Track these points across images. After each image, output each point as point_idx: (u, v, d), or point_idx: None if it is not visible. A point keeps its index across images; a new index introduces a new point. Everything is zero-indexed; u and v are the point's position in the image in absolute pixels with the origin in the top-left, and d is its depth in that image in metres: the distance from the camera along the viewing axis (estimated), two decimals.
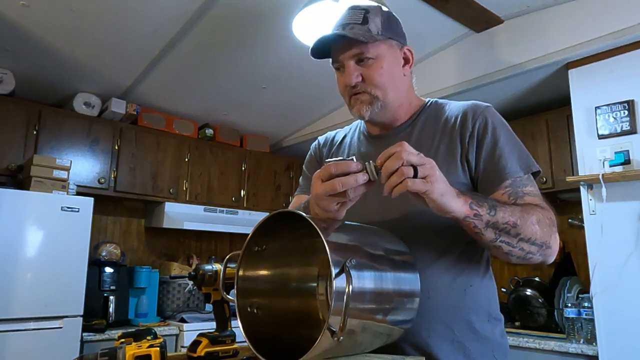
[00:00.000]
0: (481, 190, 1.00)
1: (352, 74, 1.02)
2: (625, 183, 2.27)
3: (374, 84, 1.03)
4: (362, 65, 1.02)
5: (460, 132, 1.03)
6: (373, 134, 1.15)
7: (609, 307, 2.25)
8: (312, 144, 1.29)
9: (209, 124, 3.87)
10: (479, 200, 0.86)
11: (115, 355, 0.87)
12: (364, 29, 1.01)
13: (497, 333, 1.03)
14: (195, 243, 4.01)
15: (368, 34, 1.00)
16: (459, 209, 0.82)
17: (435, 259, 0.99)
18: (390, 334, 0.86)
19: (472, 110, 1.05)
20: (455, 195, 0.82)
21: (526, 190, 0.98)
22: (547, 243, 0.93)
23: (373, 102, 1.04)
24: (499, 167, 0.99)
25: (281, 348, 0.81)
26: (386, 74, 1.03)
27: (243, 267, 0.87)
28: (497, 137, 1.01)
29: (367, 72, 1.02)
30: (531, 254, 0.92)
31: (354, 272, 0.72)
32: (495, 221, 0.87)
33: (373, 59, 1.02)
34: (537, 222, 0.90)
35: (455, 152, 1.02)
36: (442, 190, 0.78)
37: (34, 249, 2.59)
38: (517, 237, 0.89)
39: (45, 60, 2.83)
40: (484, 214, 0.85)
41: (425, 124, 1.09)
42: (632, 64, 2.31)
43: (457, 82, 2.87)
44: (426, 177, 0.76)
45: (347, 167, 0.79)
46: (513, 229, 0.88)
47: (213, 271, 1.05)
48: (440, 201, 0.79)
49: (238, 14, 2.47)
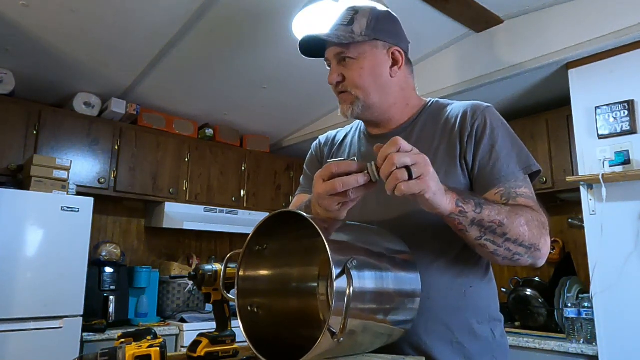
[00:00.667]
0: (476, 189, 1.00)
1: (334, 73, 1.05)
2: (625, 183, 2.27)
3: (354, 84, 1.04)
4: (343, 65, 1.05)
5: (460, 132, 1.03)
6: (372, 133, 1.15)
7: (609, 307, 2.25)
8: (313, 143, 1.29)
9: (209, 124, 3.87)
10: (465, 197, 0.85)
11: (115, 355, 0.87)
12: (347, 29, 1.03)
13: (497, 333, 1.03)
14: (195, 243, 4.01)
15: (348, 34, 1.02)
16: (445, 205, 0.82)
17: (435, 259, 0.99)
18: (391, 334, 0.86)
19: (472, 110, 1.04)
20: (444, 192, 0.82)
21: (520, 191, 0.97)
22: (537, 245, 0.91)
23: (354, 102, 1.05)
24: (494, 171, 0.98)
25: (281, 348, 0.80)
26: (366, 74, 1.04)
27: (244, 266, 0.87)
28: (495, 138, 1.00)
29: (347, 72, 1.04)
30: (518, 255, 0.91)
31: (355, 272, 0.71)
32: (481, 219, 0.86)
33: (354, 59, 1.03)
34: (525, 224, 0.89)
35: (454, 153, 1.02)
36: (435, 189, 0.78)
37: (34, 249, 2.59)
38: (503, 236, 0.88)
39: (45, 60, 2.83)
40: (469, 211, 0.85)
41: (426, 125, 1.09)
42: (632, 64, 2.31)
43: (457, 82, 2.87)
44: (420, 176, 0.76)
45: (349, 167, 0.80)
46: (499, 227, 0.87)
47: (213, 271, 1.05)
48: (431, 200, 0.79)
49: (238, 14, 2.47)
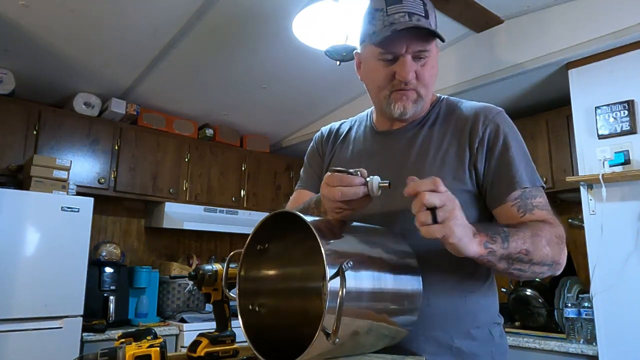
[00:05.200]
0: (490, 199, 0.99)
1: (411, 69, 0.96)
2: (625, 183, 2.27)
3: (424, 82, 0.99)
4: (417, 62, 0.97)
5: (470, 137, 1.00)
6: (381, 129, 1.12)
7: (609, 307, 2.25)
8: (315, 135, 1.26)
9: (209, 124, 3.87)
10: (493, 235, 0.84)
11: (115, 356, 0.87)
12: (428, 23, 0.95)
13: (496, 335, 1.02)
14: (195, 243, 4.01)
15: (436, 30, 0.96)
16: (473, 251, 0.80)
17: (436, 265, 0.97)
18: (392, 335, 0.86)
19: (484, 114, 1.02)
20: (471, 237, 0.80)
21: (535, 202, 0.96)
22: (557, 261, 0.92)
23: (418, 101, 1.01)
24: (509, 176, 0.96)
25: (282, 348, 0.80)
26: (433, 74, 1.01)
27: (245, 266, 0.87)
28: (508, 145, 0.98)
29: (421, 70, 0.98)
30: (542, 273, 0.92)
31: (351, 273, 0.71)
32: (509, 253, 0.85)
33: (429, 57, 0.98)
34: (547, 244, 0.89)
35: (464, 158, 1.00)
36: (459, 235, 0.76)
37: (34, 249, 2.59)
38: (529, 262, 0.88)
39: (45, 60, 2.83)
40: (497, 249, 0.84)
41: (435, 124, 1.06)
42: (632, 64, 2.31)
43: (457, 82, 2.88)
44: (444, 220, 0.74)
45: (351, 181, 0.81)
46: (526, 256, 0.87)
47: (213, 271, 1.05)
48: (457, 245, 0.77)
49: (238, 14, 2.47)
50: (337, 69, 2.61)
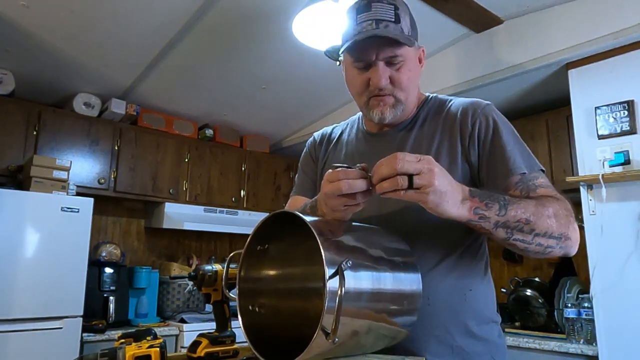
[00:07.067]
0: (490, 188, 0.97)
1: (383, 75, 0.98)
2: (625, 183, 2.27)
3: (401, 87, 1.00)
4: (391, 67, 0.98)
5: (460, 131, 1.01)
6: (372, 132, 1.13)
7: (609, 308, 2.25)
8: (308, 141, 1.27)
9: (208, 124, 3.87)
10: (488, 202, 0.83)
11: (115, 356, 0.87)
12: (397, 28, 0.96)
13: (495, 334, 1.03)
14: (195, 243, 4.01)
15: (403, 35, 0.96)
16: (459, 215, 0.80)
17: (435, 264, 0.98)
18: (392, 335, 0.86)
19: (472, 108, 1.02)
20: (458, 202, 0.79)
21: (538, 182, 0.95)
22: (566, 234, 0.89)
23: (396, 105, 1.01)
24: (504, 164, 0.96)
25: (282, 348, 0.80)
26: (412, 77, 1.01)
27: (245, 266, 0.87)
28: (499, 134, 0.98)
29: (396, 74, 0.99)
30: (550, 247, 0.89)
31: (350, 272, 0.71)
32: (506, 220, 0.84)
33: (403, 61, 0.98)
34: (553, 215, 0.87)
35: (456, 154, 1.00)
36: (437, 200, 0.76)
37: (33, 249, 2.59)
38: (531, 233, 0.86)
39: (45, 60, 2.83)
40: (491, 215, 0.83)
41: (425, 123, 1.07)
42: (632, 64, 2.31)
43: (457, 82, 2.87)
44: (421, 187, 0.74)
45: (356, 174, 0.81)
46: (526, 225, 0.85)
47: (213, 271, 1.05)
48: (435, 210, 0.77)
49: (238, 14, 2.47)
50: (337, 69, 2.58)
